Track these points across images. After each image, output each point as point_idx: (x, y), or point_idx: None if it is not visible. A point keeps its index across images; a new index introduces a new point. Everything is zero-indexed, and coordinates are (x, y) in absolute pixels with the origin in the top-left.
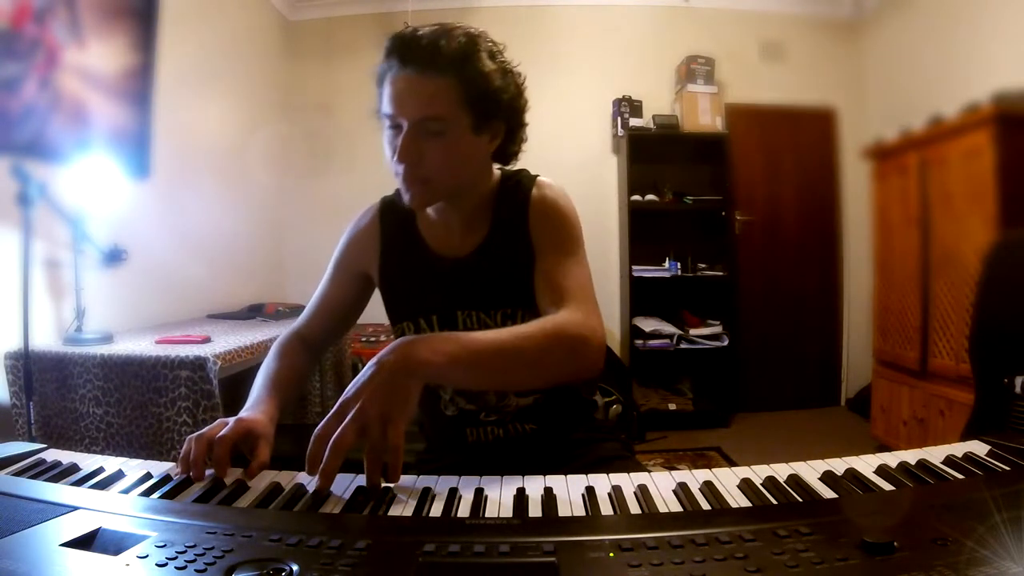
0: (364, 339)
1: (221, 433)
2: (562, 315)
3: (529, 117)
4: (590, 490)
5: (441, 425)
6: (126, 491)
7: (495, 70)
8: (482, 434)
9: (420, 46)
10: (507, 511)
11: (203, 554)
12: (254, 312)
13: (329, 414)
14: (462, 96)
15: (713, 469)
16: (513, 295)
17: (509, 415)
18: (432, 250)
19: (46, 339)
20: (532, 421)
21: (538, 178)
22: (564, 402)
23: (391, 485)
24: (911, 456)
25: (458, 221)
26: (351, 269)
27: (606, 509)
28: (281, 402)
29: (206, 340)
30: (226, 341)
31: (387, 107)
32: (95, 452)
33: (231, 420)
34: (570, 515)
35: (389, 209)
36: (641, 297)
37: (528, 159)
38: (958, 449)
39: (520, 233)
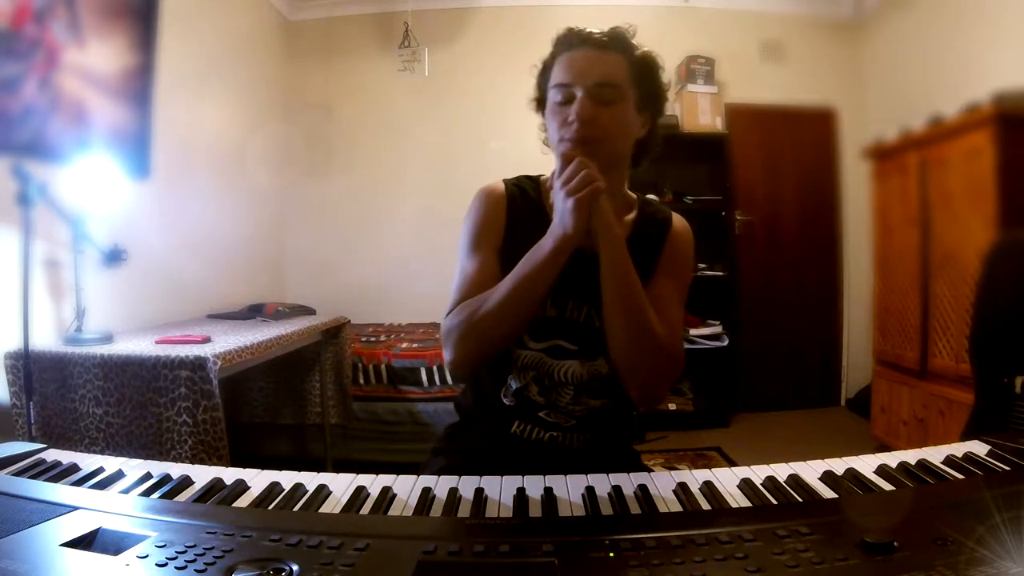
0: (364, 339)
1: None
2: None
3: (528, 117)
4: (590, 490)
5: (491, 411)
6: (126, 491)
7: (657, 62)
8: (527, 431)
9: (597, 33)
10: (507, 511)
11: (203, 554)
12: (254, 312)
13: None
14: (632, 73)
15: (713, 469)
16: None
17: (572, 419)
18: None
19: (46, 339)
20: (585, 431)
21: (673, 213)
22: (624, 414)
23: None
24: (911, 456)
25: None
26: (489, 243)
27: (606, 509)
28: None
29: (206, 340)
30: (226, 341)
31: (561, 77)
32: (95, 452)
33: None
34: (570, 515)
35: (516, 190)
36: None
37: (529, 159)
38: (958, 449)
39: (654, 254)
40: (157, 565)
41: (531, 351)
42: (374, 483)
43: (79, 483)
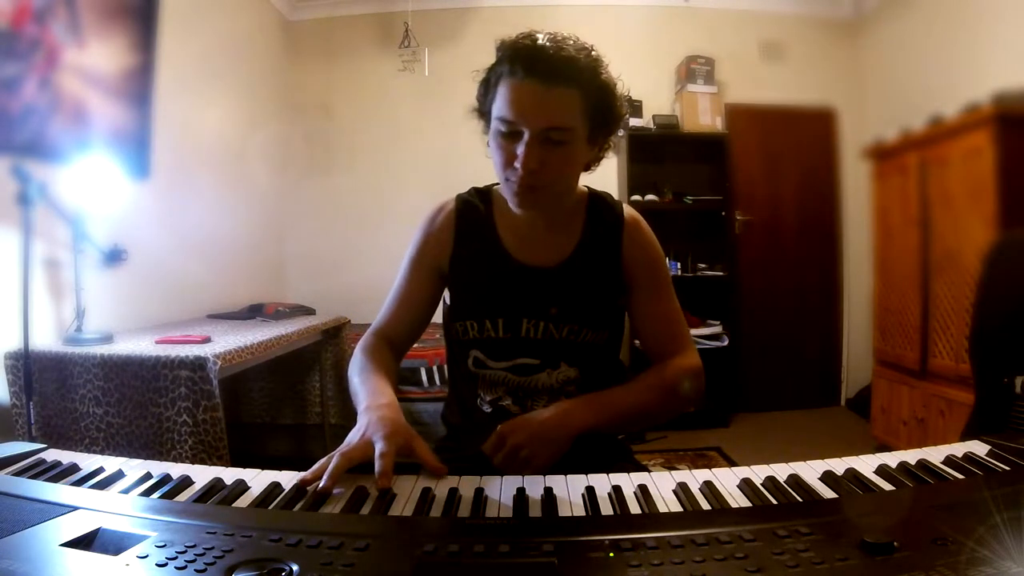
0: None
1: (382, 449)
2: (677, 363)
3: None
4: (590, 490)
5: (473, 418)
6: (126, 491)
7: (612, 85)
8: None
9: (550, 56)
10: (507, 511)
11: (203, 554)
12: (254, 312)
13: (492, 442)
14: (585, 108)
15: (713, 469)
16: (585, 315)
17: None
18: (511, 255)
19: (46, 339)
20: None
21: (624, 205)
22: None
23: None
24: (911, 456)
25: (543, 229)
26: (428, 265)
27: (606, 509)
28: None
29: (206, 340)
30: (226, 341)
31: (507, 113)
32: (95, 452)
33: (375, 435)
34: (570, 515)
35: (466, 207)
36: None
37: None
38: (958, 449)
39: (611, 258)
40: (157, 565)
41: (494, 370)
42: (373, 482)
43: (79, 483)
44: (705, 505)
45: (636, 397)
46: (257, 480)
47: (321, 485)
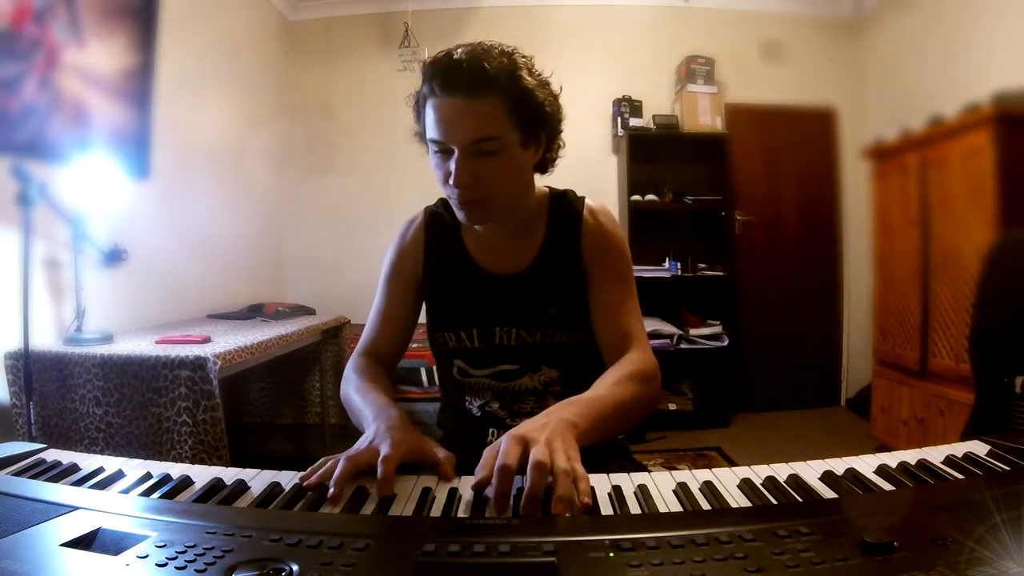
0: None
1: (386, 452)
2: (635, 358)
3: None
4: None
5: (464, 421)
6: (126, 491)
7: (536, 84)
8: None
9: (463, 69)
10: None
11: (203, 554)
12: (254, 312)
13: (503, 447)
14: (510, 114)
15: (713, 469)
16: (556, 317)
17: None
18: (478, 265)
19: (46, 339)
20: None
21: (586, 200)
22: None
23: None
24: (911, 456)
25: (506, 236)
26: (405, 278)
27: (606, 509)
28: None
29: (206, 340)
30: (226, 341)
31: (435, 133)
32: (95, 452)
33: (382, 443)
34: (570, 515)
35: (434, 220)
36: (641, 297)
37: None
38: (958, 449)
39: (571, 257)
40: (157, 565)
41: (477, 377)
42: (373, 483)
43: (79, 483)
44: (705, 505)
45: (607, 390)
46: (257, 480)
47: (330, 493)
